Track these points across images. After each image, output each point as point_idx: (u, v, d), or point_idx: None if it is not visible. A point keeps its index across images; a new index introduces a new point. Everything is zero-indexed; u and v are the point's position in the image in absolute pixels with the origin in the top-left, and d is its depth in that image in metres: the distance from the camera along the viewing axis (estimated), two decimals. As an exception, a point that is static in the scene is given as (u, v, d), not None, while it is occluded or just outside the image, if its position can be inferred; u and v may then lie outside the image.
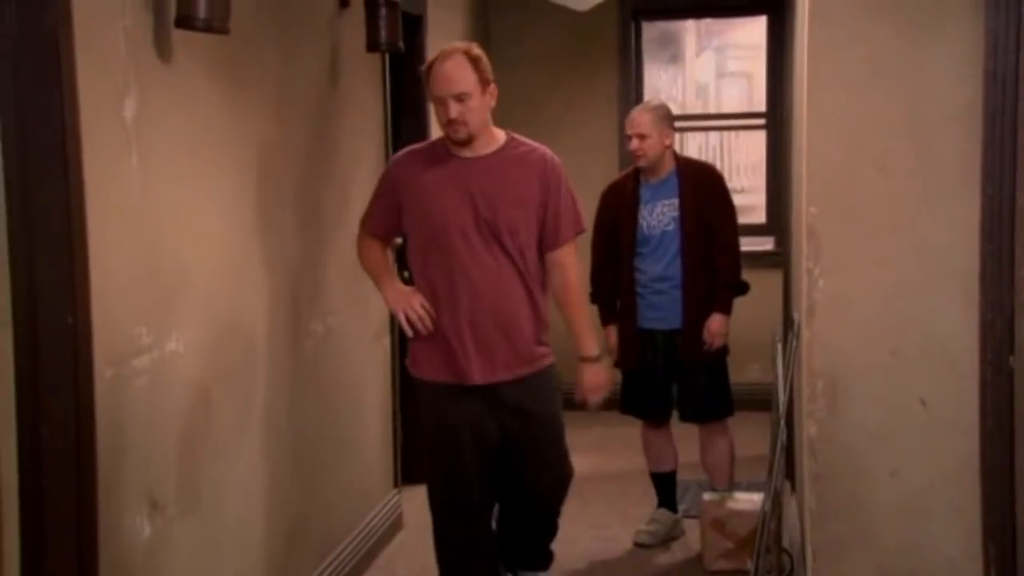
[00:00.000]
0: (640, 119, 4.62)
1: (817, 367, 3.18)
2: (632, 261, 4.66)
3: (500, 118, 7.04)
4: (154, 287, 2.90)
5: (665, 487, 4.86)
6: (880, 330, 3.12)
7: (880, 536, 3.15)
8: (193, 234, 3.11)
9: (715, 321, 4.56)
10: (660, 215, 4.62)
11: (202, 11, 2.85)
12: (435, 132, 5.68)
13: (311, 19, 4.09)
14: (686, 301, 4.59)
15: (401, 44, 4.46)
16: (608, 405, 4.19)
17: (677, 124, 4.91)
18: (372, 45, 4.37)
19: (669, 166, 4.64)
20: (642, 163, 4.63)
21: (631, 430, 6.47)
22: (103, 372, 2.63)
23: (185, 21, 2.86)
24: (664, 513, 4.82)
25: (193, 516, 3.10)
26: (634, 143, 4.60)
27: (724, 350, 4.65)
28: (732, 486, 4.71)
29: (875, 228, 3.11)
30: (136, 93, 2.77)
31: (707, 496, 4.52)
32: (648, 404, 4.77)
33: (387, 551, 4.73)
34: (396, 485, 5.01)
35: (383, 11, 4.32)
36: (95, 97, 2.58)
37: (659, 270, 4.61)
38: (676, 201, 4.59)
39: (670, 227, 4.59)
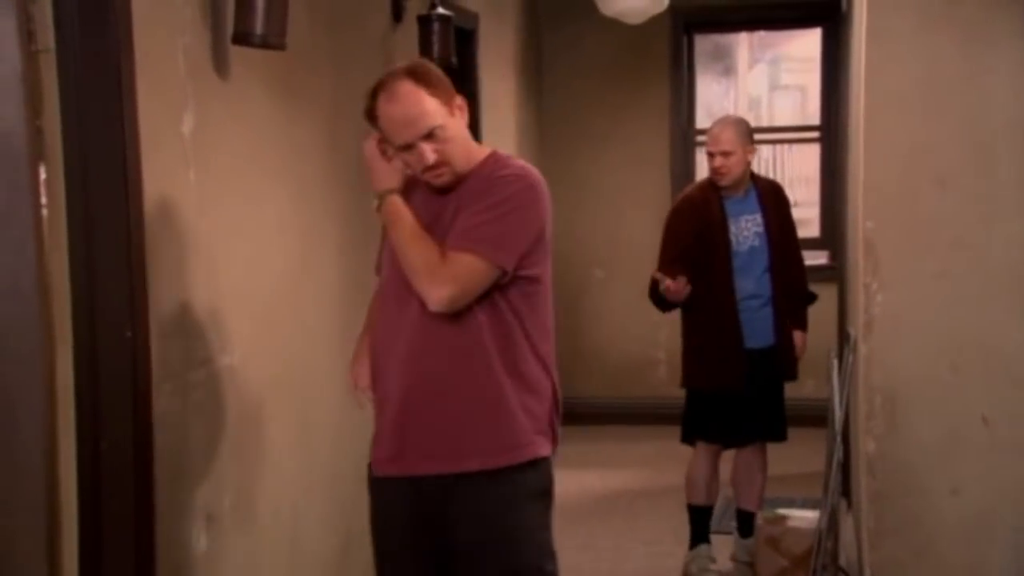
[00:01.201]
0: (724, 136, 4.42)
1: (875, 383, 3.14)
2: (729, 280, 4.45)
3: (551, 131, 7.09)
4: (210, 301, 2.92)
5: (706, 521, 4.64)
6: (940, 346, 3.08)
7: (940, 556, 3.10)
8: (249, 248, 3.13)
9: (800, 337, 4.49)
10: (745, 231, 4.48)
11: (259, 27, 2.87)
12: (487, 145, 5.68)
13: (365, 34, 4.11)
14: (777, 318, 4.48)
15: (454, 59, 4.47)
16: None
17: (729, 137, 4.86)
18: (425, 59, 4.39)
19: (748, 181, 4.52)
20: (725, 181, 4.44)
21: (683, 446, 6.44)
22: (161, 386, 2.65)
23: (242, 38, 2.88)
24: (709, 548, 4.60)
25: (248, 530, 3.11)
26: (718, 161, 4.41)
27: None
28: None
29: (934, 243, 3.08)
30: (194, 109, 2.80)
31: (762, 514, 4.46)
32: (729, 427, 4.53)
33: (438, 565, 4.72)
34: (447, 499, 5.00)
35: (436, 26, 4.34)
36: (155, 113, 2.60)
37: (751, 287, 4.46)
38: (758, 217, 4.47)
39: (756, 243, 4.46)
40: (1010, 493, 3.02)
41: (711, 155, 4.43)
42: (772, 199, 4.53)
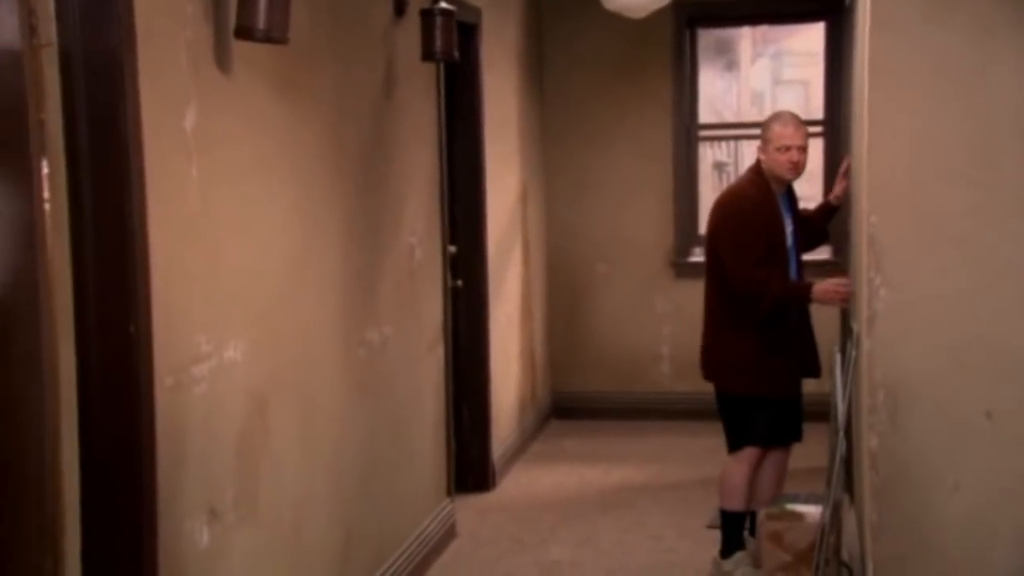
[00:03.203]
0: (801, 130, 4.32)
1: (878, 378, 3.13)
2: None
3: (554, 126, 7.09)
4: (213, 296, 2.92)
5: (743, 527, 4.52)
6: (943, 341, 3.07)
7: (942, 551, 3.09)
8: (251, 243, 3.13)
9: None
10: (788, 229, 4.43)
11: (261, 22, 2.86)
12: (490, 142, 5.70)
13: (367, 29, 4.11)
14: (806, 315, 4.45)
15: (456, 53, 4.47)
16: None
17: (732, 132, 4.86)
18: (427, 54, 4.38)
19: None
20: (797, 176, 4.37)
21: (687, 440, 6.48)
22: (163, 380, 2.65)
23: (244, 32, 2.88)
24: (746, 554, 4.48)
25: (251, 524, 3.12)
26: (796, 155, 4.28)
27: None
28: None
29: (938, 238, 3.06)
30: (196, 104, 2.79)
31: (766, 510, 4.46)
32: (780, 431, 4.46)
33: (440, 560, 4.73)
34: (450, 494, 5.01)
35: (438, 20, 4.33)
36: (157, 108, 2.60)
37: None
38: (790, 215, 4.44)
39: (790, 242, 4.41)
40: (1013, 489, 3.01)
41: (788, 149, 4.27)
42: (794, 197, 4.52)
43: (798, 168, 4.32)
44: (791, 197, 4.49)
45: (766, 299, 4.22)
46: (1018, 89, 2.96)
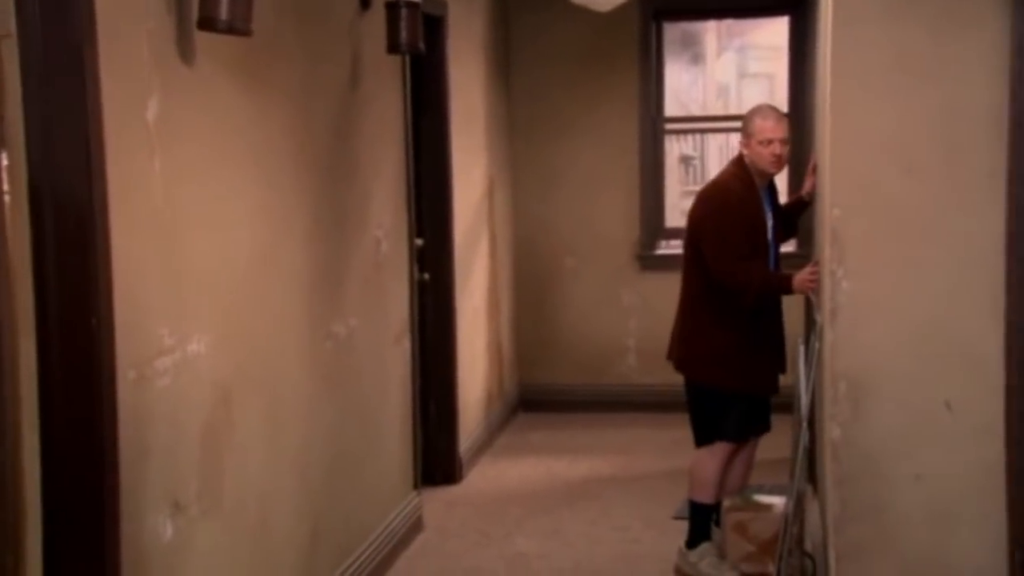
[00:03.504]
0: (783, 124, 4.30)
1: (840, 370, 3.16)
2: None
3: (520, 119, 7.09)
4: (177, 289, 2.90)
5: (711, 519, 4.52)
6: (905, 333, 3.10)
7: (904, 541, 3.12)
8: (215, 236, 3.12)
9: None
10: (769, 224, 4.43)
11: (224, 13, 2.85)
12: (457, 135, 5.69)
13: (332, 21, 4.09)
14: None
15: (422, 45, 4.46)
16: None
17: (698, 125, 4.88)
18: (393, 47, 4.37)
19: None
20: (780, 170, 4.37)
21: (654, 432, 6.51)
22: (126, 373, 2.63)
23: (207, 23, 2.86)
24: (712, 545, 4.49)
25: (215, 517, 3.10)
26: (778, 148, 4.27)
27: None
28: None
29: (900, 231, 3.09)
30: (159, 95, 2.78)
31: (730, 500, 4.49)
32: (753, 425, 4.48)
33: (407, 553, 4.73)
34: (416, 487, 5.01)
35: (404, 12, 4.32)
36: (119, 100, 2.58)
37: None
38: (771, 209, 4.44)
39: (770, 236, 4.41)
40: (973, 479, 3.05)
41: (770, 142, 4.26)
42: (775, 191, 4.53)
43: (781, 161, 4.33)
44: (772, 191, 4.50)
45: (748, 292, 4.23)
46: (979, 83, 2.99)
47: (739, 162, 4.40)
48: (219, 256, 3.14)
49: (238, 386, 3.24)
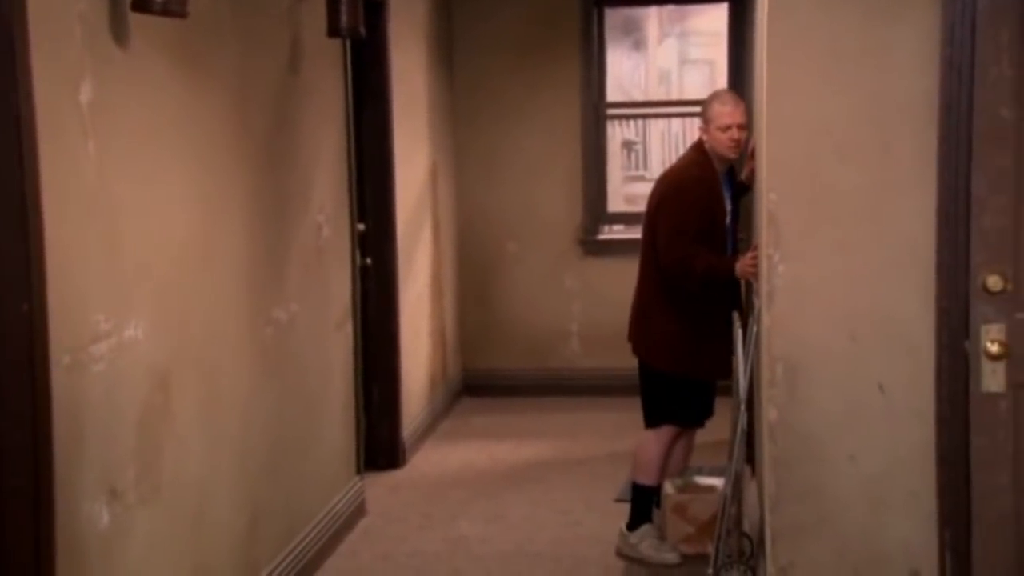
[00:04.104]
0: (740, 110, 4.32)
1: (777, 352, 3.20)
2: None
3: (463, 105, 7.08)
4: (112, 274, 2.87)
5: (652, 501, 4.56)
6: (840, 316, 3.15)
7: (838, 521, 3.18)
8: (152, 221, 3.09)
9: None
10: (727, 208, 4.46)
11: (159, -6, 2.81)
12: (399, 120, 5.67)
13: (271, 4, 4.06)
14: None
15: (362, 30, 4.43)
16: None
17: (640, 111, 4.91)
18: (333, 31, 4.34)
19: None
20: (736, 157, 4.40)
21: (596, 416, 6.55)
22: (60, 359, 2.60)
23: (142, 4, 2.83)
24: (653, 527, 4.52)
25: (153, 504, 3.08)
26: (736, 134, 4.29)
27: None
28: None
29: (835, 215, 3.13)
30: (92, 78, 2.74)
31: (670, 482, 4.53)
32: (702, 410, 4.53)
33: (350, 537, 4.72)
34: (359, 472, 5.01)
35: (344, -4, 4.29)
36: (50, 82, 2.55)
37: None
38: (729, 194, 4.47)
39: (728, 221, 4.44)
40: (905, 458, 3.10)
41: (728, 127, 4.29)
42: (734, 176, 4.56)
43: (739, 146, 4.36)
44: (732, 176, 4.54)
45: (693, 277, 4.27)
46: (911, 70, 3.03)
47: (699, 147, 4.45)
48: (156, 240, 3.11)
49: (176, 372, 3.22)
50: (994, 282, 2.87)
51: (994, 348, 2.86)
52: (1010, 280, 2.87)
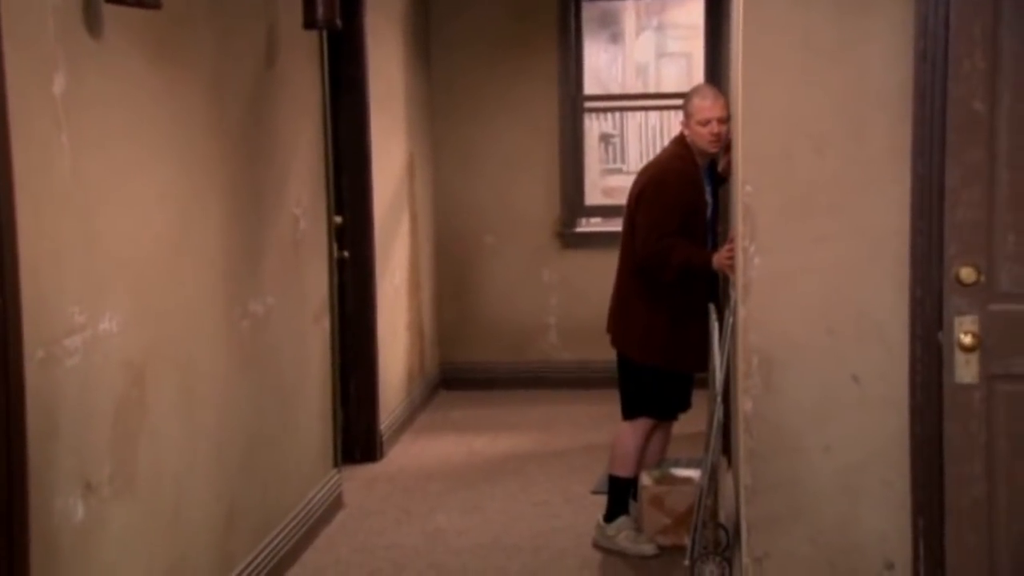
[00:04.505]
0: (720, 103, 4.33)
1: (753, 344, 3.21)
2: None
3: (440, 97, 7.07)
4: (87, 266, 2.86)
5: (629, 493, 4.57)
6: (815, 308, 3.16)
7: (814, 511, 3.19)
8: (127, 213, 3.07)
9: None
10: (707, 200, 4.48)
11: (133, -14, 2.80)
12: (376, 113, 5.66)
13: (247, -4, 4.04)
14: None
15: (339, 21, 4.41)
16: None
17: (618, 104, 4.91)
18: (309, 22, 4.32)
19: None
20: (719, 148, 4.39)
21: (574, 408, 6.57)
22: (34, 352, 2.59)
23: (116, -4, 2.81)
24: (630, 519, 4.53)
25: (128, 497, 3.07)
26: (716, 127, 4.31)
27: None
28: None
29: (810, 208, 3.14)
30: (65, 70, 2.72)
31: (646, 474, 4.55)
32: (680, 402, 4.54)
33: (327, 530, 4.72)
34: (336, 465, 5.00)
35: (320, -12, 4.27)
36: (22, 74, 2.53)
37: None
38: (711, 188, 4.49)
39: (709, 214, 4.45)
40: (879, 449, 3.12)
41: (708, 121, 4.31)
42: (715, 170, 4.57)
43: (720, 140, 4.37)
44: (713, 169, 4.55)
45: (668, 269, 4.28)
46: (885, 63, 3.05)
47: (680, 141, 4.46)
48: (131, 233, 3.10)
49: (151, 365, 3.20)
50: (967, 274, 2.89)
51: (967, 339, 2.89)
52: (983, 272, 2.90)
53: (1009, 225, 2.89)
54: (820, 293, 3.16)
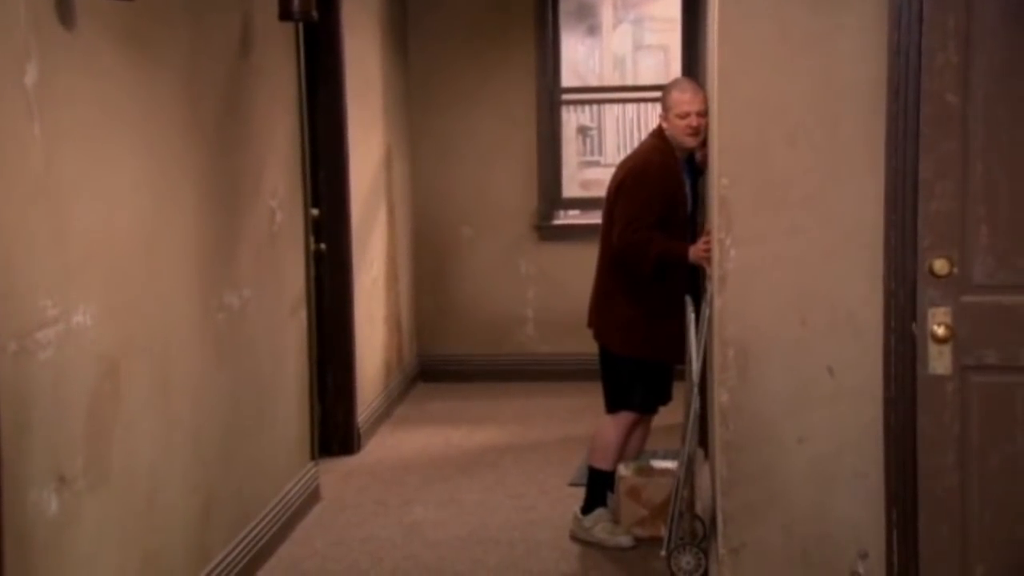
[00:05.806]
0: (699, 97, 4.33)
1: (728, 336, 3.22)
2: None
3: (417, 89, 7.05)
4: (60, 259, 2.84)
5: (607, 486, 4.56)
6: (790, 300, 3.18)
7: (789, 502, 3.21)
8: (100, 204, 3.05)
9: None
10: (687, 194, 4.48)
11: (106, -24, 2.78)
12: (353, 105, 5.64)
13: (222, -14, 4.02)
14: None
15: (315, 13, 4.40)
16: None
17: (595, 96, 4.90)
18: (285, 14, 4.30)
19: None
20: (697, 143, 4.38)
21: (551, 401, 6.58)
22: (6, 345, 2.57)
23: (89, -13, 2.79)
24: (607, 512, 4.53)
25: (103, 491, 3.06)
26: (694, 121, 4.31)
27: None
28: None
29: (785, 200, 3.16)
30: (37, 60, 2.70)
31: (623, 465, 4.56)
32: (662, 395, 4.55)
33: (304, 523, 4.71)
34: (313, 458, 4.99)
35: (296, -21, 4.25)
36: (-6, 64, 2.51)
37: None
38: (690, 181, 4.48)
39: (689, 207, 4.46)
40: (852, 440, 3.14)
41: (686, 115, 4.31)
42: (695, 163, 4.58)
43: (698, 133, 4.36)
44: (692, 162, 4.55)
45: (646, 261, 4.28)
46: (859, 55, 3.06)
47: (659, 134, 4.46)
48: (104, 224, 3.08)
49: (126, 358, 3.19)
50: (940, 266, 2.91)
51: (940, 331, 2.91)
52: (956, 264, 2.92)
53: (982, 217, 2.92)
54: (794, 285, 3.18)
